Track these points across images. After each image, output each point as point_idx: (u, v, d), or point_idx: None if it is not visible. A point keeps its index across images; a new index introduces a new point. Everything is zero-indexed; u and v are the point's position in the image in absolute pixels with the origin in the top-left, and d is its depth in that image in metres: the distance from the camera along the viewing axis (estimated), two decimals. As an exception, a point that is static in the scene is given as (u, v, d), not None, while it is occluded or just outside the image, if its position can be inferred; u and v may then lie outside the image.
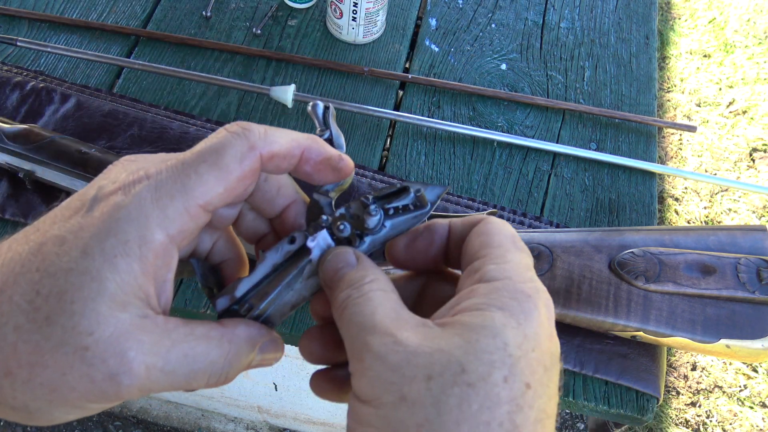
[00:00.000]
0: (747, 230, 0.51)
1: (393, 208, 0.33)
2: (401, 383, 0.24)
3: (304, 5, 0.71)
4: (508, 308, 0.25)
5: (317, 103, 0.34)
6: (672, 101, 1.87)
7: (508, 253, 0.28)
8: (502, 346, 0.24)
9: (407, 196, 0.33)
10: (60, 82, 0.63)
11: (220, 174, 0.27)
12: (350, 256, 0.30)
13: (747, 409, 1.43)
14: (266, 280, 0.31)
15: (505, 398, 0.23)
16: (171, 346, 0.26)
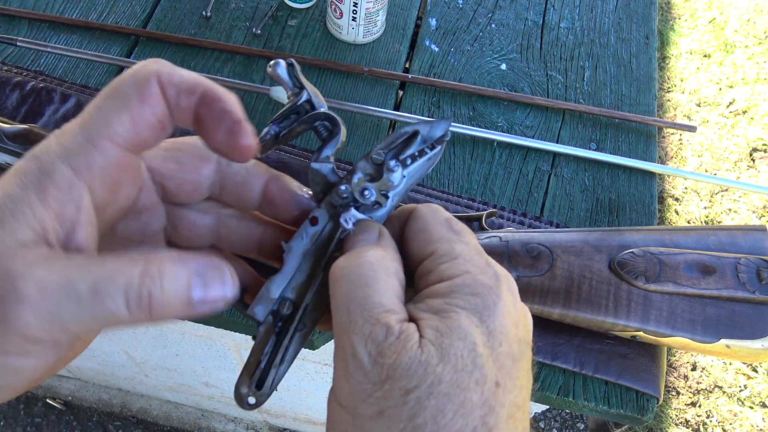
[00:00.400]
0: (747, 230, 0.51)
1: (409, 157, 0.31)
2: (380, 397, 0.24)
3: (304, 5, 0.71)
4: (471, 306, 0.25)
5: (278, 61, 0.31)
6: (672, 101, 1.87)
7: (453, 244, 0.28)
8: (471, 348, 0.24)
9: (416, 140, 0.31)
10: (60, 82, 0.63)
11: (117, 102, 0.25)
12: (374, 232, 0.29)
13: (747, 409, 1.43)
14: (299, 272, 0.30)
15: (477, 402, 0.24)
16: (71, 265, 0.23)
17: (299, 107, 0.31)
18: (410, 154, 0.31)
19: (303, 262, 0.30)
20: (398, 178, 0.31)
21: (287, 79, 0.31)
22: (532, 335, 0.28)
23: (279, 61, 0.31)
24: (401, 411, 0.23)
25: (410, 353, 0.24)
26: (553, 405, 0.54)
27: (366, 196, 0.30)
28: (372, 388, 0.24)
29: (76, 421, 1.39)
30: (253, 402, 0.29)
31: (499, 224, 0.59)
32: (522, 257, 0.49)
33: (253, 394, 0.29)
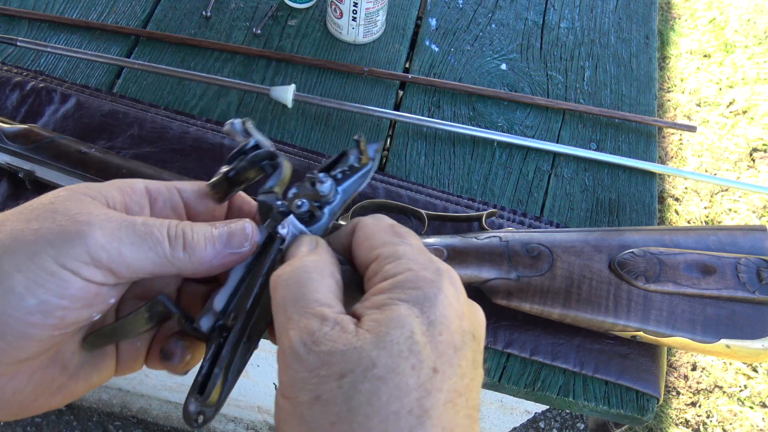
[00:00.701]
0: (747, 230, 0.51)
1: (340, 173, 0.34)
2: (317, 383, 0.24)
3: (304, 5, 0.71)
4: (412, 299, 0.26)
5: (233, 121, 0.34)
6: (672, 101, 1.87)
7: (396, 246, 0.29)
8: (409, 335, 0.25)
9: (348, 158, 0.34)
10: (60, 82, 0.63)
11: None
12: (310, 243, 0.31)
13: (747, 409, 1.43)
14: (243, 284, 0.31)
15: (413, 385, 0.24)
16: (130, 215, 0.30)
17: (246, 150, 0.34)
18: (341, 170, 0.34)
19: (246, 276, 0.32)
20: (328, 188, 0.33)
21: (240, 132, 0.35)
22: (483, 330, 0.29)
23: (233, 121, 0.35)
24: (336, 395, 0.24)
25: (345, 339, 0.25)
26: (553, 405, 0.54)
27: (299, 206, 0.33)
28: (308, 376, 0.25)
29: (76, 421, 1.39)
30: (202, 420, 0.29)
31: (499, 224, 0.59)
32: (522, 257, 0.49)
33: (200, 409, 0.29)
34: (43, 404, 0.30)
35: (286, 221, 0.32)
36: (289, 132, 0.63)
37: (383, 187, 0.59)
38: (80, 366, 0.31)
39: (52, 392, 0.30)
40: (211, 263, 0.30)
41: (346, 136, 0.64)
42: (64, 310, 0.27)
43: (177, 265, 0.29)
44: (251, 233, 0.31)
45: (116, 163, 0.52)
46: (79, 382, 0.31)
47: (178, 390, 1.25)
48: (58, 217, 0.27)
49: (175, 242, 0.29)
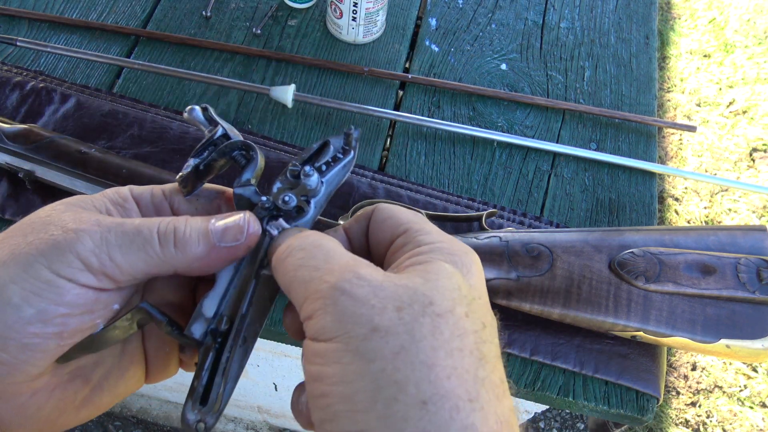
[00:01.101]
0: (747, 230, 0.51)
1: (324, 164, 0.34)
2: (371, 314, 0.24)
3: (304, 5, 0.71)
4: (453, 261, 0.27)
5: (193, 107, 0.33)
6: (672, 101, 1.87)
7: (424, 224, 0.29)
8: (457, 288, 0.25)
9: (329, 149, 0.34)
10: (60, 82, 0.63)
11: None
12: (295, 231, 0.30)
13: (747, 409, 1.43)
14: (232, 286, 0.30)
15: (470, 329, 0.25)
16: (121, 218, 0.30)
17: (216, 140, 0.33)
18: (324, 161, 0.34)
19: (235, 278, 0.31)
20: (315, 182, 0.33)
21: (203, 120, 0.33)
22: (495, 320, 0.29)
23: (194, 107, 0.33)
24: (397, 324, 0.23)
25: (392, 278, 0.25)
26: (553, 405, 0.54)
27: (287, 201, 0.32)
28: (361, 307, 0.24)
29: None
30: (202, 429, 0.28)
31: (499, 224, 0.59)
32: (522, 257, 0.49)
33: (200, 418, 0.28)
34: (71, 419, 0.30)
35: (276, 223, 0.31)
36: (289, 132, 0.63)
37: (383, 187, 0.59)
38: (104, 378, 0.31)
39: (76, 406, 0.30)
40: (206, 259, 0.29)
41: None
42: (64, 318, 0.27)
43: (170, 263, 0.29)
44: (246, 225, 0.30)
45: (116, 163, 0.52)
46: (104, 394, 0.31)
47: (178, 390, 1.25)
48: (51, 228, 0.28)
49: (165, 240, 0.29)
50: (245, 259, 0.31)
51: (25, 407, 0.28)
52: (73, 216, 0.28)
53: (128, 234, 0.28)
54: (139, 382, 0.33)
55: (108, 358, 0.31)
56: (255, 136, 0.61)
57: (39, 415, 0.29)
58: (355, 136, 0.35)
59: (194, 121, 0.33)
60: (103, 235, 0.28)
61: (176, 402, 1.37)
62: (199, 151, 0.32)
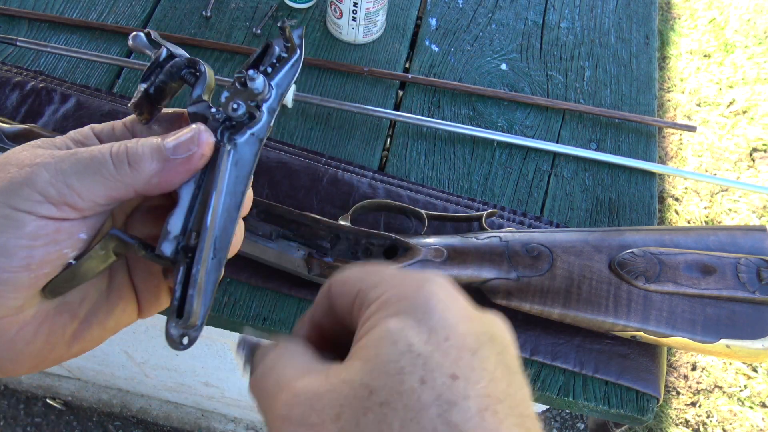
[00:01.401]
0: (747, 230, 0.51)
1: (269, 66, 0.33)
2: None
3: (304, 5, 0.71)
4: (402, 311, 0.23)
5: (138, 34, 0.33)
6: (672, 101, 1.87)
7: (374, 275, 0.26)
8: (406, 349, 0.21)
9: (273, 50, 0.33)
10: (60, 82, 0.63)
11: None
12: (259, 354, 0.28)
13: (747, 409, 1.43)
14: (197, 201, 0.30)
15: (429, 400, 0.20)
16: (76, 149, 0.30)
17: (161, 62, 0.32)
18: (270, 63, 0.33)
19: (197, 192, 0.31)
20: (261, 84, 0.32)
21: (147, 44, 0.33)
22: (507, 334, 0.24)
23: (138, 33, 0.33)
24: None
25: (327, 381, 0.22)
26: (553, 405, 0.54)
27: (235, 108, 0.31)
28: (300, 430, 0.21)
29: (76, 421, 1.39)
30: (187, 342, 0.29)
31: (499, 224, 0.59)
32: (522, 257, 0.49)
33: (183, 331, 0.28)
34: (63, 353, 0.31)
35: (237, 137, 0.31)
36: (289, 132, 0.63)
37: (383, 187, 0.59)
38: (92, 312, 0.31)
39: (67, 341, 0.31)
40: (164, 174, 0.29)
41: (346, 135, 0.64)
42: (27, 249, 0.27)
43: (128, 183, 0.29)
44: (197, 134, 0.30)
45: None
46: (93, 329, 0.32)
47: (178, 390, 1.25)
48: (8, 168, 0.28)
49: (118, 160, 0.29)
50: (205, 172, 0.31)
51: (14, 342, 0.29)
52: (30, 153, 0.29)
53: (82, 161, 0.28)
54: (131, 316, 0.33)
55: (94, 293, 0.32)
56: (255, 136, 0.61)
57: (29, 349, 0.29)
58: (297, 33, 0.34)
59: (139, 48, 0.33)
60: (57, 165, 0.28)
61: (176, 402, 1.37)
62: (146, 75, 0.32)
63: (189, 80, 0.33)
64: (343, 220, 0.51)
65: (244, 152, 0.31)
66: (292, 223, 0.50)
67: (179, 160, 0.30)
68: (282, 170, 0.59)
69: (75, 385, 1.40)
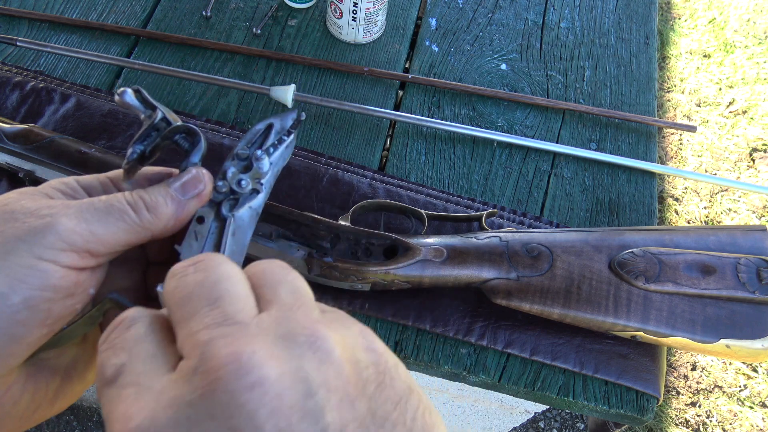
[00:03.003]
0: (747, 230, 0.51)
1: (271, 146, 0.36)
2: None
3: (304, 5, 0.71)
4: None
5: (125, 90, 0.33)
6: (672, 101, 1.87)
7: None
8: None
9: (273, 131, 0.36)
10: (60, 82, 0.63)
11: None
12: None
13: (747, 409, 1.43)
14: None
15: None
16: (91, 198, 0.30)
17: (157, 125, 0.33)
18: (271, 144, 0.36)
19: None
20: (267, 165, 0.35)
21: (138, 104, 0.34)
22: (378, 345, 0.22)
23: (126, 90, 0.33)
24: None
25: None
26: (553, 405, 0.54)
27: (243, 185, 0.34)
28: None
29: (76, 421, 1.39)
30: None
31: (499, 224, 0.59)
32: (522, 257, 0.49)
33: None
34: (46, 411, 0.30)
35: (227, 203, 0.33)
36: (289, 132, 0.63)
37: (383, 187, 0.59)
38: (71, 366, 0.31)
39: (50, 398, 0.30)
40: (178, 215, 0.31)
41: (346, 135, 0.64)
42: (49, 303, 0.27)
43: (147, 227, 0.30)
44: (200, 174, 0.33)
45: (116, 162, 0.52)
46: (75, 382, 0.31)
47: (178, 390, 1.25)
48: (19, 216, 0.28)
49: (137, 207, 0.30)
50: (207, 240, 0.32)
51: (1, 404, 0.28)
52: (37, 203, 0.29)
53: (101, 209, 0.29)
54: None
55: (71, 348, 0.32)
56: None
57: (15, 411, 0.29)
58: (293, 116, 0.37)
59: (127, 105, 0.33)
60: (79, 214, 0.28)
61: (176, 402, 1.37)
62: (142, 136, 0.33)
63: (183, 146, 0.34)
64: (343, 220, 0.51)
65: (242, 223, 0.33)
66: (292, 223, 0.50)
67: (191, 199, 0.32)
68: (282, 170, 0.59)
69: (75, 385, 1.40)
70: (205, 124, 0.61)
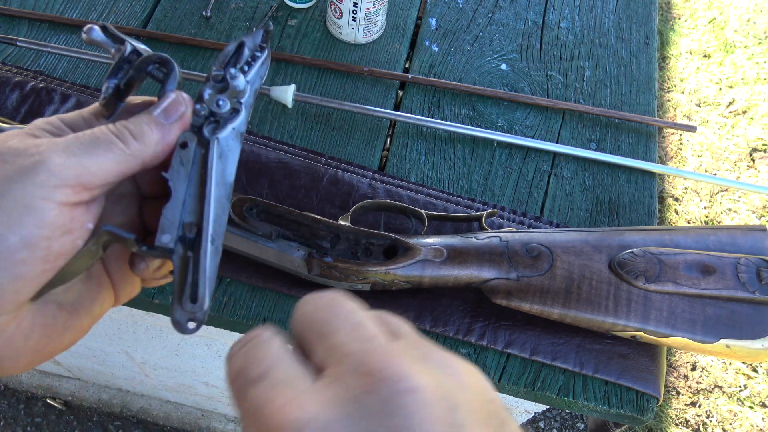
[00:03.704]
0: (747, 230, 0.51)
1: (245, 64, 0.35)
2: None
3: (304, 5, 0.71)
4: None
5: (92, 27, 0.33)
6: (672, 101, 1.87)
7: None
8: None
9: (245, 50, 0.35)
10: (60, 82, 0.63)
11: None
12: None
13: (747, 409, 1.43)
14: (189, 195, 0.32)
15: None
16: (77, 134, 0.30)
17: (128, 57, 0.33)
18: (245, 61, 0.35)
19: (189, 186, 0.32)
20: (243, 83, 0.34)
21: (106, 40, 0.33)
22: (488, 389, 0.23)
23: (92, 26, 0.33)
24: None
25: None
26: (553, 405, 0.54)
27: (221, 105, 0.33)
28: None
29: (76, 421, 1.39)
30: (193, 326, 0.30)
31: (499, 224, 0.59)
32: (522, 257, 0.49)
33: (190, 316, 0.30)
34: (57, 345, 0.31)
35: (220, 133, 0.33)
36: (289, 132, 0.63)
37: (383, 187, 0.59)
38: (77, 301, 0.32)
39: (59, 333, 0.31)
40: (165, 140, 0.31)
41: (346, 135, 0.64)
42: (47, 240, 0.27)
43: (137, 155, 0.30)
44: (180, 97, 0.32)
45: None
46: (82, 317, 0.32)
47: (178, 390, 1.25)
48: (8, 158, 0.28)
49: (123, 136, 0.30)
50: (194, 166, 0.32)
51: (13, 339, 0.29)
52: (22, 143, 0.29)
53: (87, 143, 0.29)
54: (110, 303, 0.34)
55: (76, 284, 0.32)
56: (255, 136, 0.61)
57: (27, 345, 0.29)
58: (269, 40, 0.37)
59: (95, 42, 0.33)
60: (67, 149, 0.28)
61: (176, 402, 1.37)
62: (115, 71, 0.33)
63: (157, 76, 0.34)
64: (343, 220, 0.51)
65: (226, 145, 0.33)
66: (292, 223, 0.50)
67: (175, 123, 0.32)
68: (282, 170, 0.59)
69: (75, 385, 1.40)
70: (205, 124, 0.61)
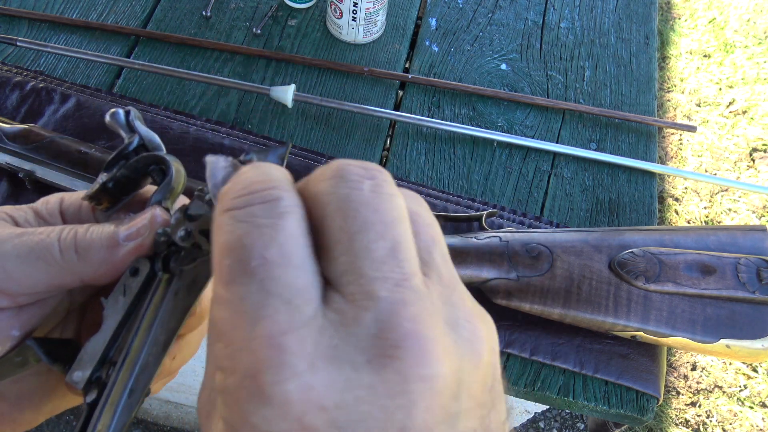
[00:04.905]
0: (747, 230, 0.51)
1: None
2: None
3: (304, 5, 0.71)
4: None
5: (117, 111, 0.29)
6: (672, 101, 1.87)
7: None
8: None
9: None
10: (60, 82, 0.63)
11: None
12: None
13: (747, 409, 1.43)
14: (125, 329, 0.26)
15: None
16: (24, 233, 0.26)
17: (128, 153, 0.29)
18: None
19: (125, 319, 0.26)
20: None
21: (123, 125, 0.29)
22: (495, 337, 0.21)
23: (118, 110, 0.29)
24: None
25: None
26: (553, 405, 0.54)
27: (183, 237, 0.25)
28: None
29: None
30: None
31: (499, 224, 0.59)
32: (522, 257, 0.49)
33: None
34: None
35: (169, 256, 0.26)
36: (289, 132, 0.63)
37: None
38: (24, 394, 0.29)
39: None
40: (111, 262, 0.26)
41: (346, 135, 0.64)
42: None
43: (75, 272, 0.26)
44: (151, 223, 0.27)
45: (116, 163, 0.52)
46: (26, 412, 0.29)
47: (178, 390, 1.25)
48: None
49: (65, 246, 0.26)
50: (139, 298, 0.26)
51: None
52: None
53: (27, 244, 0.26)
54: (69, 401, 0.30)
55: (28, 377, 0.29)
56: (255, 136, 0.61)
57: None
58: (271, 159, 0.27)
59: (115, 128, 0.29)
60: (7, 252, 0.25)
61: (176, 402, 1.37)
62: (110, 164, 0.28)
63: (156, 179, 0.29)
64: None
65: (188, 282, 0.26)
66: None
67: (129, 246, 0.26)
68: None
69: (75, 385, 1.40)
70: (205, 124, 0.61)
